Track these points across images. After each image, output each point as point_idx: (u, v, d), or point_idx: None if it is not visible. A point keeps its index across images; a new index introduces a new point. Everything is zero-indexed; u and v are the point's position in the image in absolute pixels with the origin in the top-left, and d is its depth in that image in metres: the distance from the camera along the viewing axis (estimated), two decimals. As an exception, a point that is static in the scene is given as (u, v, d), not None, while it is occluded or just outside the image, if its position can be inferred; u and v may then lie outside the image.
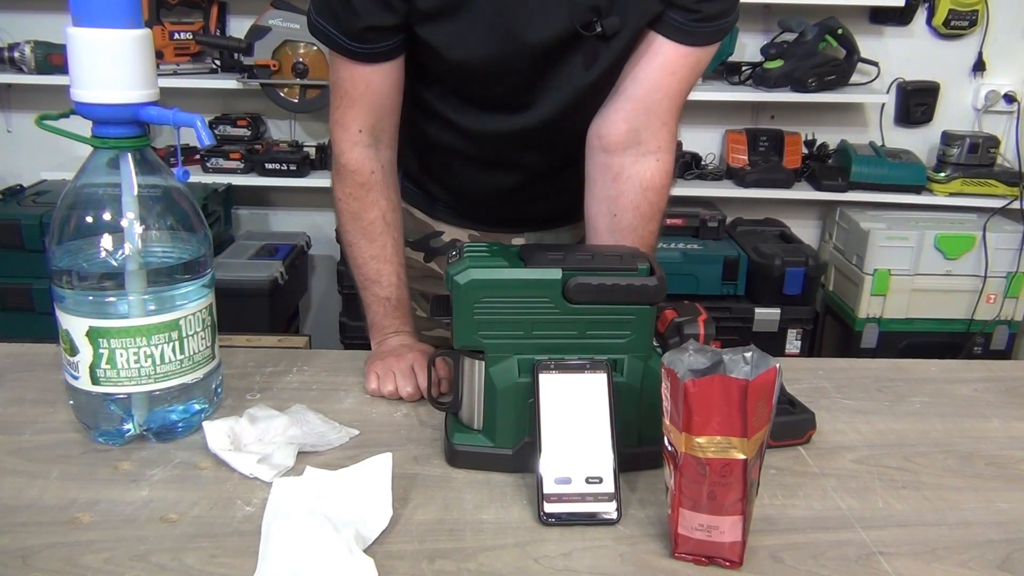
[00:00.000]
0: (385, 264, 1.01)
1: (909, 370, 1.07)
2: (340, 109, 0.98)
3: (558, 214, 1.20)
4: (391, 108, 0.99)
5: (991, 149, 2.56)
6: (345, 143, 0.98)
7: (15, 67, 2.43)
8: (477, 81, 0.97)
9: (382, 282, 1.02)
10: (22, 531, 0.69)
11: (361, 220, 1.01)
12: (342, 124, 0.98)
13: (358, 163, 0.99)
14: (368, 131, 0.98)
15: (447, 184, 1.16)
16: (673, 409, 0.65)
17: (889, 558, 0.69)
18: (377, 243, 1.01)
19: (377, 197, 1.00)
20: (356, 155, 0.99)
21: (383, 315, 1.03)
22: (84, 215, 0.78)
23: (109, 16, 0.75)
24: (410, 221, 1.19)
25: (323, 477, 0.74)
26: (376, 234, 1.01)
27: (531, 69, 0.95)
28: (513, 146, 1.05)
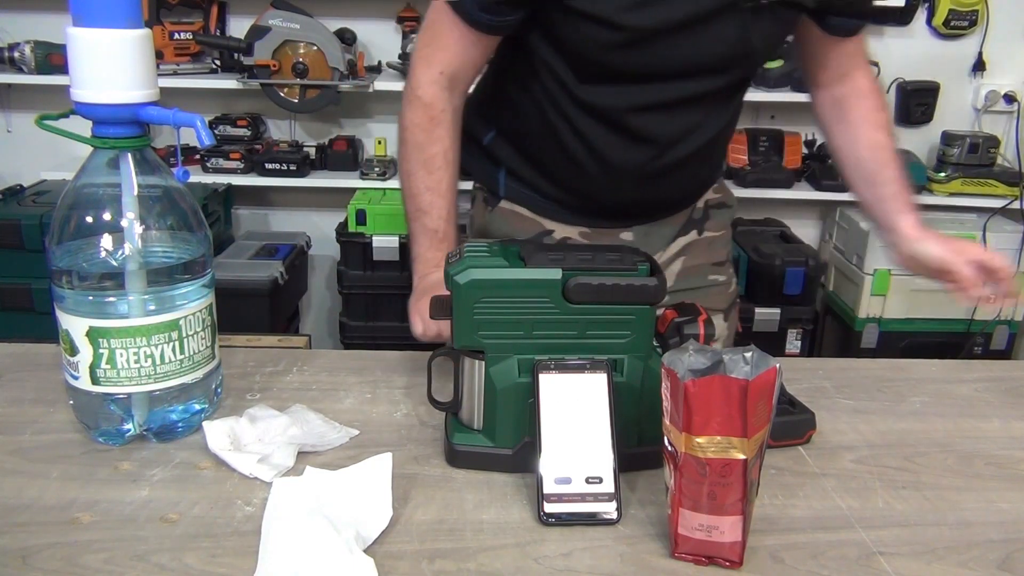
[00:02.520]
0: (438, 198, 1.04)
1: (909, 370, 1.07)
2: (429, 48, 1.03)
3: (671, 201, 1.21)
4: (475, 69, 1.05)
5: (991, 149, 2.56)
6: (424, 77, 1.03)
7: (15, 67, 2.43)
8: (630, 50, 1.00)
9: (432, 214, 1.04)
10: (22, 531, 0.69)
11: (424, 151, 1.04)
12: (427, 61, 1.03)
13: (432, 98, 1.03)
14: (448, 76, 1.03)
15: (565, 176, 1.15)
16: (673, 409, 0.65)
17: (889, 558, 0.69)
18: (435, 176, 1.04)
19: (443, 134, 1.03)
20: (432, 91, 1.03)
21: (428, 247, 1.04)
22: (84, 215, 0.78)
23: (109, 16, 0.75)
24: (519, 221, 1.21)
25: (323, 477, 0.74)
26: (435, 167, 1.04)
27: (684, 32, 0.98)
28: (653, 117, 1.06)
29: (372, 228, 2.45)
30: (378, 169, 2.54)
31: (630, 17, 0.96)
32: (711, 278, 1.28)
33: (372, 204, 2.45)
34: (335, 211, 2.70)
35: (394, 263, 2.48)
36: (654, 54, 1.00)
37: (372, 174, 2.54)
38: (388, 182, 2.56)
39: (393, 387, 0.97)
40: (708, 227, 1.28)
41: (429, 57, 1.03)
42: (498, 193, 1.22)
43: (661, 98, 1.05)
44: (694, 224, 1.26)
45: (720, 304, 1.29)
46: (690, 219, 1.25)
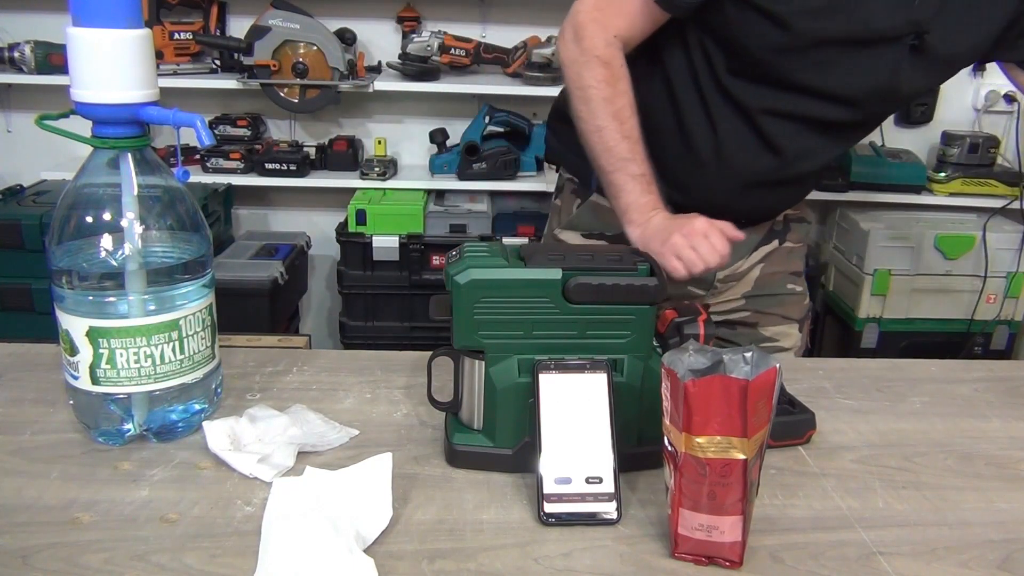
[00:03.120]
0: (636, 144, 1.04)
1: (909, 370, 1.07)
2: (605, 12, 1.05)
3: (765, 212, 1.23)
4: (642, 41, 1.07)
5: (991, 149, 2.56)
6: (599, 39, 1.04)
7: (15, 67, 2.42)
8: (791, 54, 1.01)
9: (636, 159, 1.04)
10: (22, 531, 0.69)
11: (613, 104, 1.04)
12: (603, 24, 1.04)
13: (610, 56, 1.04)
14: (622, 40, 1.05)
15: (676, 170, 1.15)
16: (673, 409, 0.65)
17: (889, 558, 0.69)
18: (627, 125, 1.04)
19: (625, 87, 1.04)
20: (610, 51, 1.04)
21: (640, 192, 1.03)
22: (84, 215, 0.78)
23: (109, 16, 0.75)
24: (608, 216, 1.20)
25: (323, 477, 0.74)
26: (626, 117, 1.04)
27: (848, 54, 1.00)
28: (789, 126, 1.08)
29: (372, 228, 2.45)
30: (378, 169, 2.54)
31: (801, 21, 0.98)
32: (789, 287, 1.31)
33: (372, 204, 2.45)
34: (335, 211, 2.71)
35: (394, 263, 2.48)
36: (812, 65, 1.02)
37: (372, 174, 2.54)
38: (388, 182, 2.56)
39: (393, 387, 0.97)
40: (789, 238, 1.31)
41: (604, 20, 1.04)
42: (590, 186, 1.22)
43: (802, 111, 1.07)
44: (776, 234, 1.29)
45: (796, 314, 1.31)
46: (772, 229, 1.28)
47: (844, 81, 1.05)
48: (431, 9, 2.61)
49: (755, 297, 1.30)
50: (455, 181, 2.56)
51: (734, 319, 1.32)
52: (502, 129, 2.60)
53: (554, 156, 1.31)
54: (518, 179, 2.57)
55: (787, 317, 1.32)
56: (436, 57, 2.47)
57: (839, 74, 1.04)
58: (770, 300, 1.30)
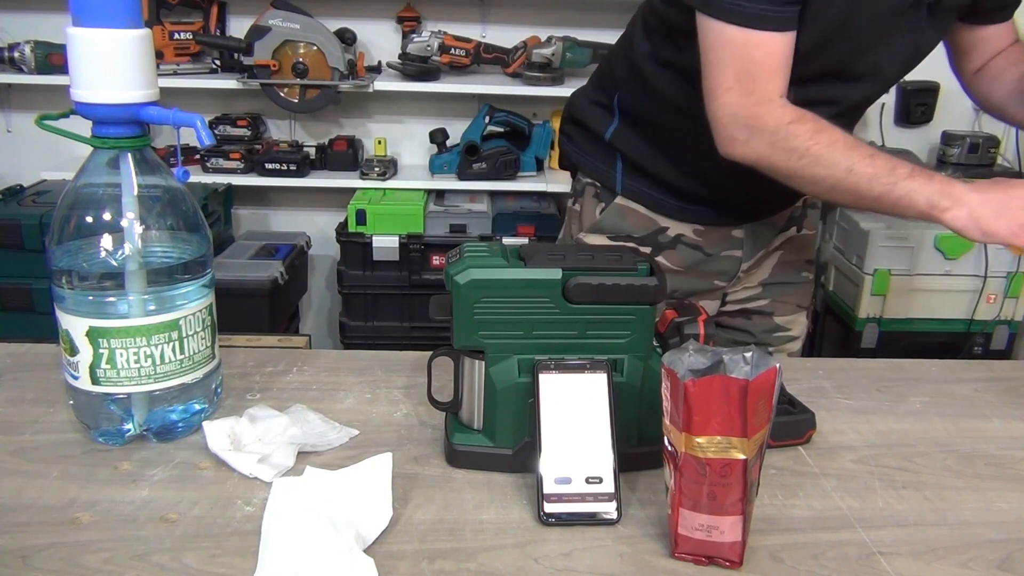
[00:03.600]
0: (880, 154, 0.98)
1: (909, 370, 1.07)
2: (759, 86, 0.97)
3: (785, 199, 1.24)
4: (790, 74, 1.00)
5: (991, 149, 2.56)
6: (776, 110, 0.98)
7: (15, 67, 2.43)
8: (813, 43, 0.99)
9: (897, 164, 0.97)
10: (22, 531, 0.69)
11: (839, 141, 0.98)
12: (766, 99, 0.98)
13: (796, 113, 0.98)
14: (784, 95, 0.99)
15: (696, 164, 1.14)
16: (673, 409, 0.65)
17: (889, 558, 0.69)
18: (862, 146, 0.99)
19: (825, 123, 0.98)
20: (791, 111, 0.98)
21: (925, 182, 0.95)
22: (84, 215, 0.78)
23: (109, 16, 0.75)
24: (634, 216, 1.22)
25: (323, 477, 0.74)
26: (855, 142, 0.99)
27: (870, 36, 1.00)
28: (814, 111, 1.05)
29: (372, 228, 2.45)
30: (378, 169, 2.54)
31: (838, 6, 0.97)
32: (803, 274, 1.33)
33: (372, 204, 2.45)
34: (335, 211, 2.71)
35: (394, 263, 2.48)
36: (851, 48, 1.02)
37: (372, 174, 2.54)
38: (388, 182, 2.56)
39: (393, 387, 0.97)
40: (805, 225, 1.32)
41: (763, 95, 0.98)
42: (614, 189, 1.22)
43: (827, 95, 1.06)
44: (794, 221, 1.30)
45: (806, 301, 1.33)
46: (791, 216, 1.29)
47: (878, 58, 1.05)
48: (431, 9, 2.61)
49: (772, 285, 1.31)
50: (455, 181, 2.56)
51: (751, 308, 1.32)
52: (502, 129, 2.60)
53: (570, 161, 1.31)
54: (518, 179, 2.57)
55: (800, 305, 1.34)
56: (436, 57, 2.47)
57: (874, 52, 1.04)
58: (785, 288, 1.31)
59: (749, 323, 1.33)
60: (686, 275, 1.24)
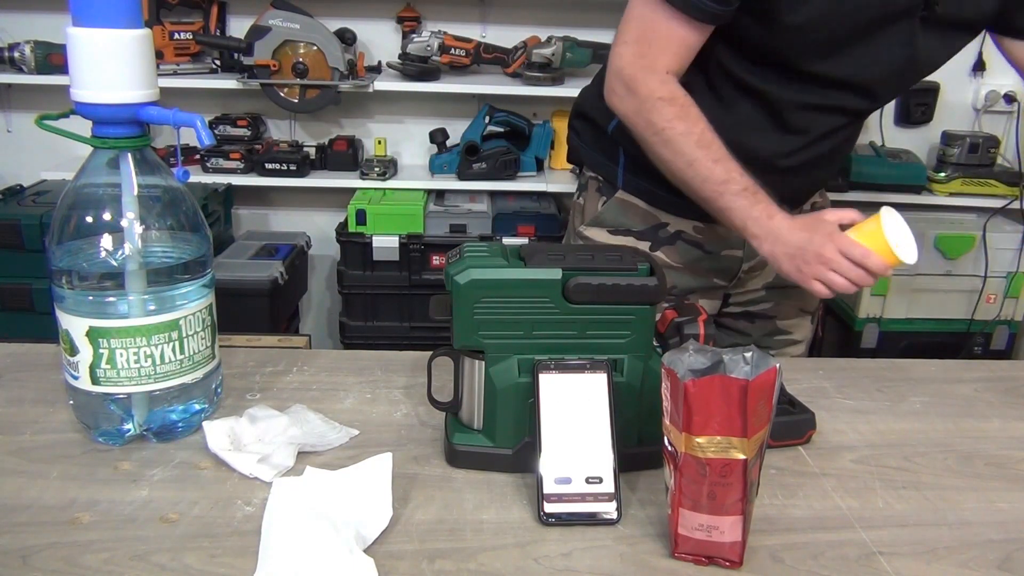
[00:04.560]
0: (728, 162, 1.03)
1: (909, 370, 1.07)
2: (648, 56, 1.04)
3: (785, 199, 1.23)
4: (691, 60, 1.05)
5: (991, 149, 2.56)
6: (654, 81, 1.03)
7: (15, 67, 2.42)
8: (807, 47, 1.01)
9: (734, 177, 1.02)
10: (22, 531, 0.69)
11: (691, 135, 1.03)
12: (650, 68, 1.03)
13: (671, 93, 1.03)
14: (673, 72, 1.04)
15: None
16: (673, 409, 0.65)
17: (889, 558, 0.69)
18: (713, 148, 1.03)
19: (696, 115, 1.03)
20: (669, 87, 1.03)
21: (748, 206, 1.02)
22: (84, 215, 0.78)
23: (109, 16, 0.75)
24: (634, 211, 1.23)
25: (323, 477, 0.74)
26: (708, 142, 1.03)
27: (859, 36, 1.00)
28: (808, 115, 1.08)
29: (372, 228, 2.45)
30: (378, 169, 2.54)
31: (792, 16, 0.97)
32: None
33: (372, 204, 2.45)
34: (335, 211, 2.70)
35: (394, 263, 2.47)
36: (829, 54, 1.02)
37: (372, 174, 2.54)
38: (388, 182, 2.56)
39: (393, 387, 0.97)
40: None
41: (651, 64, 1.03)
42: (615, 183, 1.23)
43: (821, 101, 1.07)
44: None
45: (811, 306, 1.32)
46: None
47: (862, 66, 1.04)
48: (431, 9, 2.61)
49: (775, 288, 1.30)
50: (455, 181, 2.56)
51: (754, 311, 1.32)
52: (502, 129, 2.60)
53: (576, 155, 1.32)
54: (518, 179, 2.57)
55: (803, 310, 1.33)
56: (436, 57, 2.47)
57: (856, 61, 1.04)
58: (789, 292, 1.30)
59: (751, 326, 1.33)
60: (685, 272, 1.24)
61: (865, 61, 1.04)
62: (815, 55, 1.03)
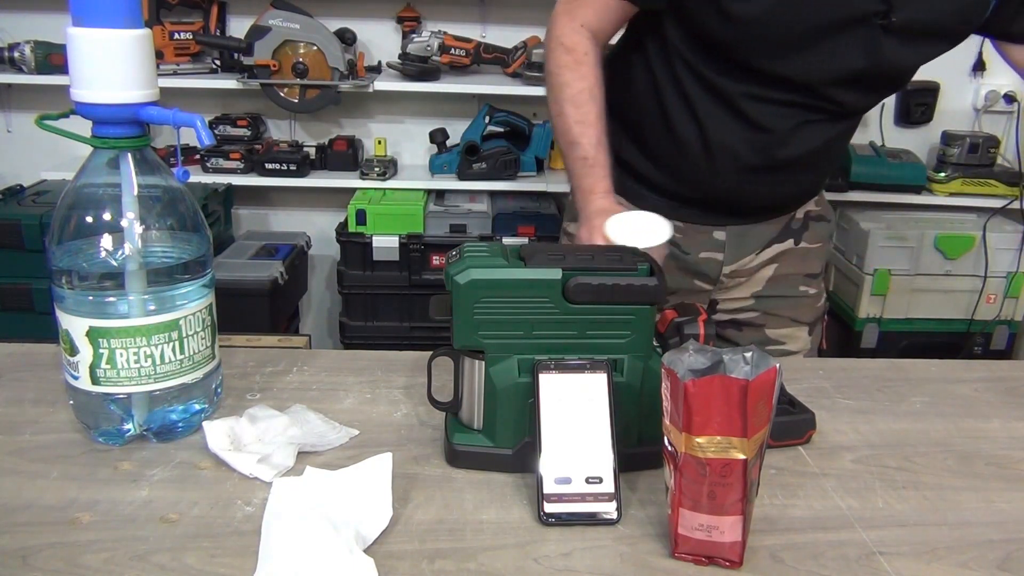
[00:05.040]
0: (587, 127, 1.06)
1: (909, 370, 1.07)
2: (573, 3, 1.09)
3: (769, 203, 1.23)
4: (613, 31, 1.11)
5: (991, 149, 2.56)
6: (566, 27, 1.08)
7: (15, 67, 2.43)
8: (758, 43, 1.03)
9: (583, 143, 1.06)
10: (22, 531, 0.69)
11: (570, 88, 1.07)
12: (570, 14, 1.08)
13: (574, 43, 1.08)
14: (589, 28, 1.08)
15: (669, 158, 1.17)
16: (673, 409, 0.65)
17: (889, 558, 0.69)
18: (582, 109, 1.06)
19: (587, 71, 1.07)
20: (575, 38, 1.08)
21: (583, 175, 1.07)
22: (84, 215, 0.78)
23: (109, 16, 0.75)
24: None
25: (323, 477, 0.74)
26: (582, 102, 1.06)
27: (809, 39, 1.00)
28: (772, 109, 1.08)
29: (372, 228, 2.45)
30: (378, 169, 2.54)
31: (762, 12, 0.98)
32: (802, 289, 1.29)
33: (372, 204, 2.45)
34: (335, 211, 2.71)
35: (394, 263, 2.48)
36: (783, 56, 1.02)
37: (372, 174, 2.54)
38: (388, 182, 2.56)
39: (393, 387, 0.97)
40: (806, 238, 1.29)
41: (572, 11, 1.08)
42: None
43: (785, 98, 1.06)
44: (792, 233, 1.27)
45: (806, 317, 1.30)
46: (788, 227, 1.27)
47: (816, 68, 1.03)
48: (431, 9, 2.61)
49: (765, 298, 1.29)
50: (455, 181, 2.56)
51: (741, 319, 1.31)
52: (502, 129, 2.60)
53: None
54: (518, 179, 2.57)
55: (796, 320, 1.31)
56: (436, 57, 2.47)
57: (812, 62, 1.03)
58: (780, 302, 1.29)
59: (739, 335, 1.32)
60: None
61: (819, 63, 1.03)
62: (767, 53, 1.03)
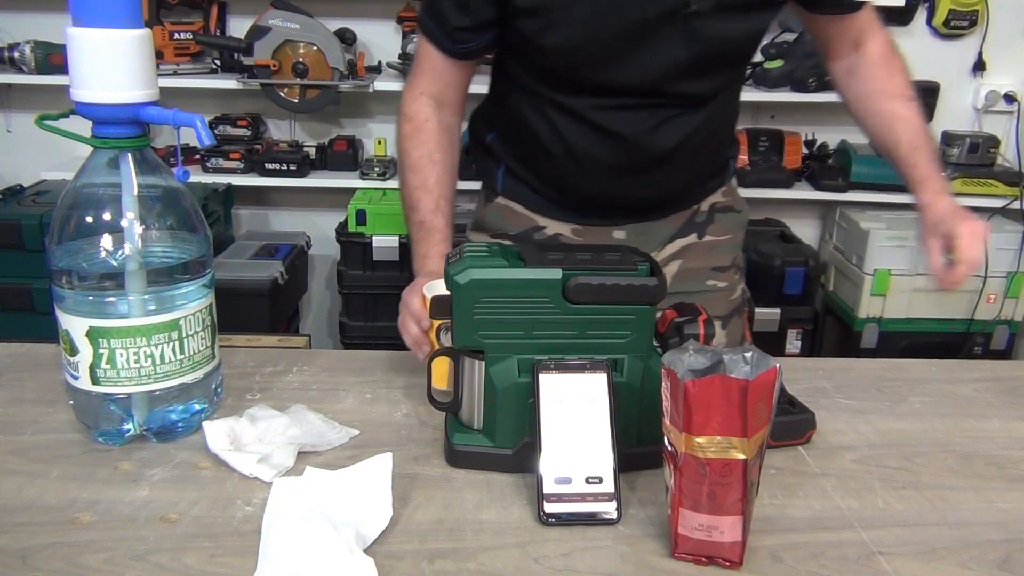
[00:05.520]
0: (424, 193, 1.09)
1: (909, 370, 1.07)
2: (414, 73, 1.13)
3: (662, 200, 1.22)
4: (457, 89, 1.13)
5: (991, 149, 2.56)
6: (408, 96, 1.13)
7: (15, 67, 2.43)
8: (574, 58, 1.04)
9: (419, 208, 1.09)
10: (22, 531, 0.69)
11: (409, 156, 1.10)
12: (412, 84, 1.13)
13: (414, 112, 1.11)
14: (429, 96, 1.11)
15: (551, 173, 1.18)
16: (673, 409, 0.65)
17: (889, 558, 0.69)
18: (420, 175, 1.09)
19: (425, 139, 1.10)
20: (416, 106, 1.11)
21: (418, 240, 1.09)
22: (84, 215, 0.78)
23: (109, 16, 0.75)
24: (511, 215, 1.23)
25: (323, 477, 0.74)
26: (420, 168, 1.09)
27: (626, 48, 1.01)
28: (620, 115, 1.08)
29: (372, 228, 2.45)
30: (378, 169, 2.54)
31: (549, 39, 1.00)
32: (709, 283, 1.26)
33: (372, 204, 2.45)
34: (335, 211, 2.70)
35: (394, 263, 2.47)
36: (606, 68, 1.03)
37: (372, 174, 2.54)
38: (388, 182, 2.56)
39: (393, 387, 0.97)
40: (711, 231, 1.26)
41: (413, 80, 1.12)
42: (496, 189, 1.25)
43: (627, 102, 1.06)
44: (695, 227, 1.25)
45: (718, 311, 1.27)
46: (691, 221, 1.25)
47: (640, 71, 1.02)
48: (431, 9, 2.60)
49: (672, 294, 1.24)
50: (455, 181, 2.56)
51: None
52: (502, 129, 2.60)
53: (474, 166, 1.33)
54: (518, 179, 2.57)
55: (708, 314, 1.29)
56: (436, 57, 2.47)
57: (638, 66, 1.02)
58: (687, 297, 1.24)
59: None
60: None
61: (645, 66, 1.02)
62: (594, 69, 1.03)
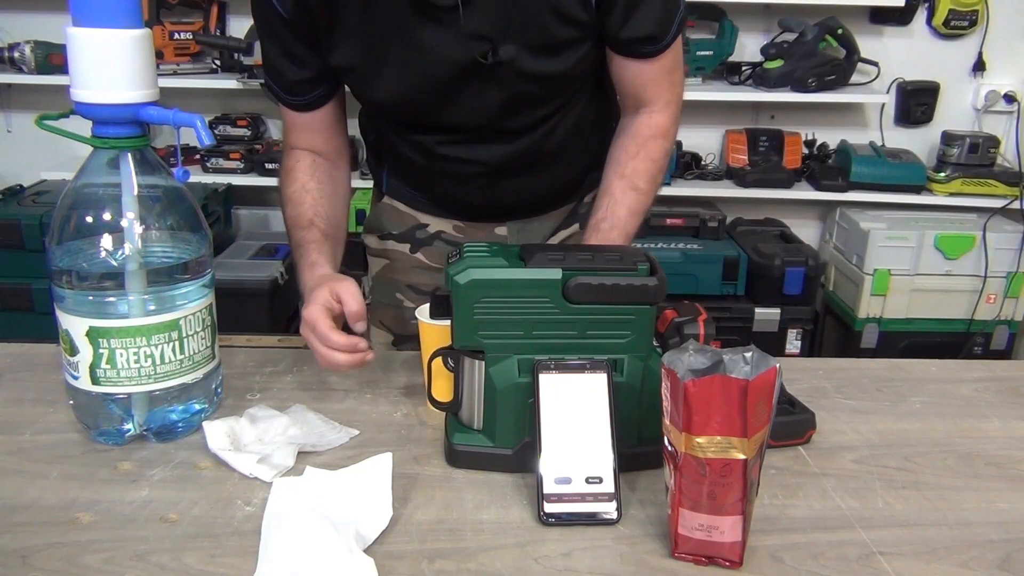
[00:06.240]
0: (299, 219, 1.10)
1: (909, 370, 1.07)
2: (284, 133, 1.17)
3: (539, 200, 1.22)
4: (326, 138, 1.14)
5: (991, 149, 2.56)
6: (283, 156, 1.16)
7: (15, 67, 2.43)
8: (399, 111, 1.09)
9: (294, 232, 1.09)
10: (22, 531, 0.69)
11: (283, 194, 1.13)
12: (284, 143, 1.17)
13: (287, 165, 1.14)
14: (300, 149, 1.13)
15: (424, 181, 1.20)
16: (673, 409, 0.65)
17: (889, 558, 0.69)
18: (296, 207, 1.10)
19: (297, 175, 1.11)
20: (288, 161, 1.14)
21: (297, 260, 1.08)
22: (84, 215, 0.78)
23: (109, 16, 0.75)
24: (395, 214, 1.24)
25: (323, 477, 0.74)
26: (296, 201, 1.11)
27: (444, 98, 1.03)
28: (458, 149, 1.10)
29: (372, 228, 2.45)
30: (378, 169, 2.54)
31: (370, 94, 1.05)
32: None
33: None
34: (335, 211, 2.70)
35: (394, 263, 2.47)
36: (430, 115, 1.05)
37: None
38: (388, 182, 2.56)
39: (393, 387, 0.97)
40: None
41: (284, 139, 1.17)
42: (382, 189, 1.27)
43: (468, 136, 1.08)
44: (577, 218, 1.25)
45: None
46: (574, 212, 1.25)
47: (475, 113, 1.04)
48: (431, 9, 2.60)
49: None
50: (455, 181, 2.56)
51: None
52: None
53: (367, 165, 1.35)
54: (518, 179, 2.57)
55: None
56: (436, 57, 2.47)
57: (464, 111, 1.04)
58: None
59: None
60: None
61: (471, 110, 1.03)
62: (424, 118, 1.06)
